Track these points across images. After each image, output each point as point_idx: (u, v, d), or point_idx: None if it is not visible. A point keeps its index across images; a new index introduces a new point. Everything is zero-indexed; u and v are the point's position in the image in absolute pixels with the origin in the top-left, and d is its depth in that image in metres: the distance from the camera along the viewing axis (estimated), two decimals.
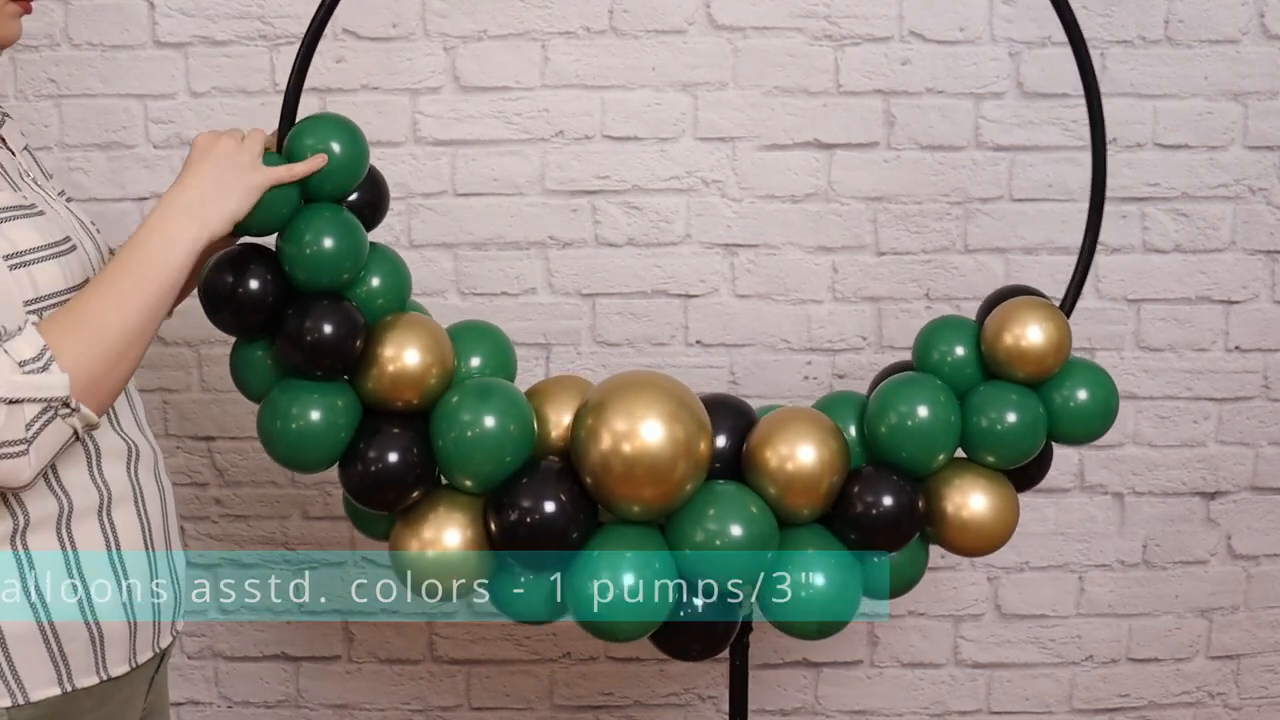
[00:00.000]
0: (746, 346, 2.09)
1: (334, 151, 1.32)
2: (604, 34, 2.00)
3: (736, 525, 1.35)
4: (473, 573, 1.39)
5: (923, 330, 1.51)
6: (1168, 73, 2.00)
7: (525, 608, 1.43)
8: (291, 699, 2.23)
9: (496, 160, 2.03)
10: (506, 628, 2.18)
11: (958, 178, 2.03)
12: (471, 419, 1.34)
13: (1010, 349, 1.41)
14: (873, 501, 1.40)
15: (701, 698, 2.21)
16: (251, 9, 2.00)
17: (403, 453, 1.34)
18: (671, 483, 1.34)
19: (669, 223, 2.05)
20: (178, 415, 2.13)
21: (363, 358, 1.34)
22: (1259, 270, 2.06)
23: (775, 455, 1.39)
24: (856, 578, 1.42)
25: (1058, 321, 1.41)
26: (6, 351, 1.11)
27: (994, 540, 1.45)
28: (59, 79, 2.02)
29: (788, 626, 1.42)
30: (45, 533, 1.20)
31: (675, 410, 1.35)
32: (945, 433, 1.42)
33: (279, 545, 2.17)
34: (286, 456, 1.36)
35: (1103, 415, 1.45)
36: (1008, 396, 1.42)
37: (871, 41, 2.00)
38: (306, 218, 1.31)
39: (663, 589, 1.35)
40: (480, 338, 1.46)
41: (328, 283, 1.32)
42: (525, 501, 1.34)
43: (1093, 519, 2.15)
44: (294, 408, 1.32)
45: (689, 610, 1.40)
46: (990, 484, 1.44)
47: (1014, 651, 2.19)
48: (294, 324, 1.30)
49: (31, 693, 1.20)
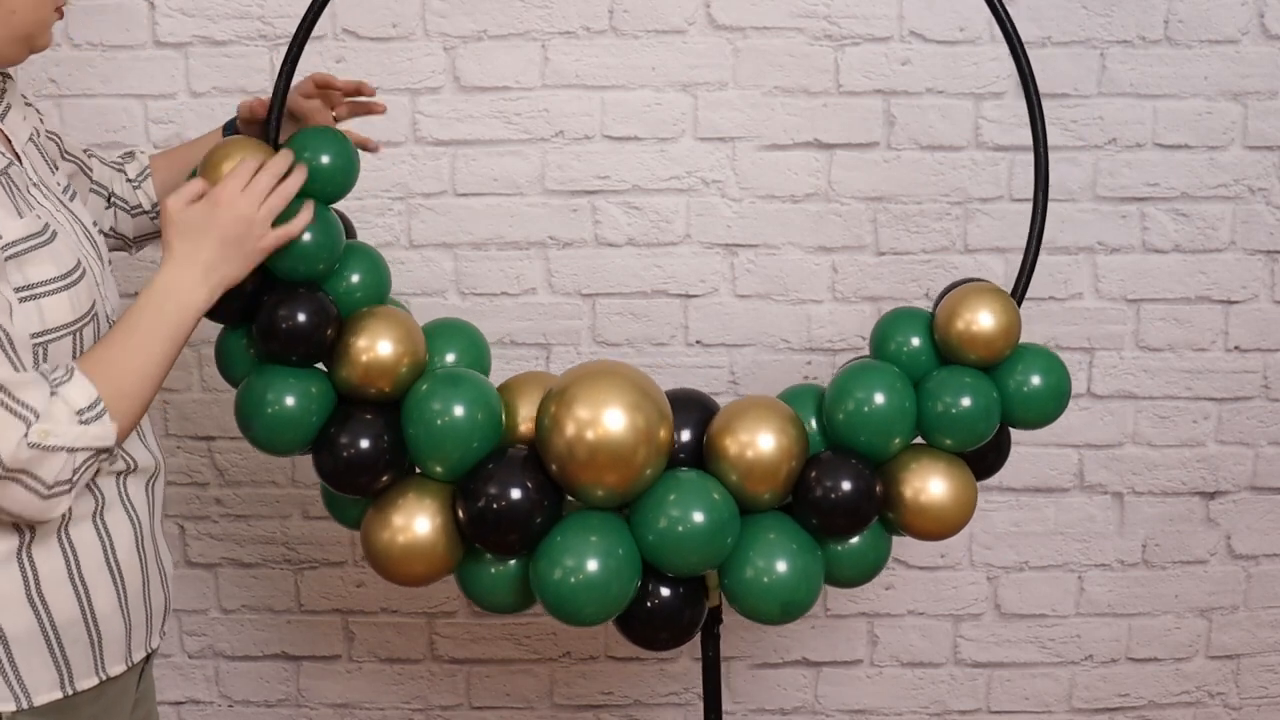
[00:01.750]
0: (746, 346, 2.09)
1: (323, 163, 1.39)
2: (604, 34, 2.00)
3: (698, 511, 1.39)
4: (442, 559, 1.42)
5: (879, 322, 1.54)
6: (1168, 73, 2.00)
7: (495, 596, 1.46)
8: (291, 698, 2.23)
9: (496, 160, 2.03)
10: (507, 627, 2.19)
11: (958, 178, 2.03)
12: (441, 407, 1.38)
13: (962, 333, 1.44)
14: (831, 486, 1.43)
15: (700, 696, 2.21)
16: (251, 9, 2.00)
17: (374, 439, 1.39)
18: (633, 468, 1.38)
19: (669, 223, 2.05)
20: (178, 415, 2.13)
21: (337, 347, 1.40)
22: (1259, 270, 2.06)
23: (735, 442, 1.43)
24: (818, 562, 1.45)
25: (1006, 305, 1.45)
26: (64, 399, 1.16)
27: (952, 524, 1.48)
28: (59, 79, 2.02)
29: (751, 612, 1.45)
30: (48, 540, 1.23)
31: (637, 399, 1.38)
32: (901, 418, 1.45)
33: (279, 545, 2.18)
34: (262, 439, 1.41)
35: (1055, 399, 1.49)
36: (962, 380, 1.45)
37: (871, 41, 2.00)
38: (285, 213, 1.36)
39: (626, 574, 1.39)
40: (455, 334, 1.51)
41: (304, 273, 1.38)
42: (492, 488, 1.37)
43: (1092, 519, 2.15)
44: (269, 393, 1.38)
45: (654, 599, 1.43)
46: (948, 468, 1.47)
47: (1014, 651, 2.19)
48: (270, 312, 1.36)
49: (35, 696, 1.22)
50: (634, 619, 1.44)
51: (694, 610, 1.46)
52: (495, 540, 1.39)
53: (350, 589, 2.19)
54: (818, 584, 1.45)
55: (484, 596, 1.47)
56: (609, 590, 1.37)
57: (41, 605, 1.21)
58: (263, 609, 2.20)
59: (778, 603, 1.43)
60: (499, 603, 1.47)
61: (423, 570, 1.42)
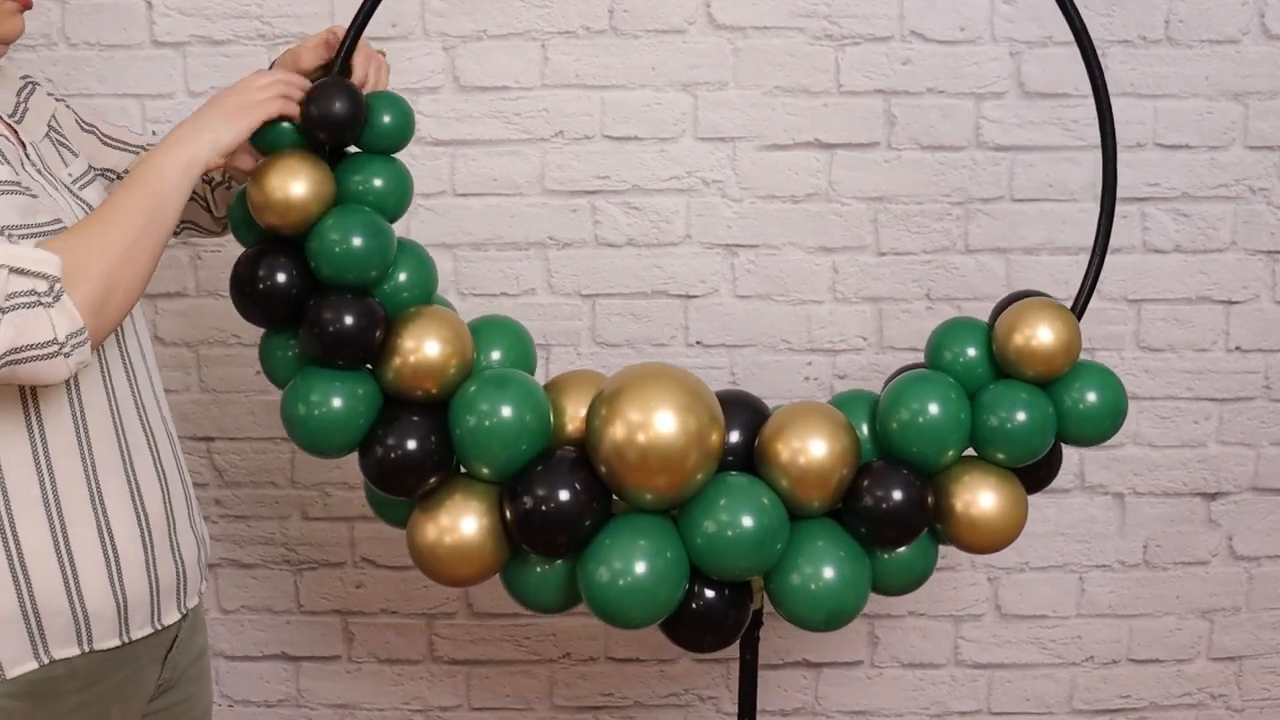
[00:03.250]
0: (746, 347, 2.08)
1: (384, 121, 1.43)
2: (604, 34, 1.99)
3: (748, 516, 1.38)
4: (489, 560, 1.42)
5: (935, 331, 1.53)
6: (1168, 73, 1.99)
7: (540, 596, 1.45)
8: (291, 699, 2.23)
9: (496, 160, 2.03)
10: (507, 628, 2.18)
11: (958, 178, 2.03)
12: (489, 408, 1.37)
13: (1021, 348, 1.43)
14: (882, 496, 1.42)
15: (701, 698, 2.20)
16: (250, 8, 1.99)
17: (421, 440, 1.38)
18: (684, 472, 1.37)
19: (669, 223, 2.05)
20: (178, 415, 2.12)
21: (384, 348, 1.39)
22: (1259, 270, 2.06)
23: (787, 448, 1.42)
24: (865, 571, 1.45)
25: (1068, 322, 1.44)
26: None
27: (1002, 538, 1.47)
28: (57, 78, 2.02)
29: (797, 618, 1.44)
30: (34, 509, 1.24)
31: (689, 402, 1.38)
32: (955, 429, 1.44)
33: (278, 546, 2.17)
34: (308, 442, 1.40)
35: (1111, 417, 1.48)
36: (1018, 395, 1.44)
37: (872, 41, 1.99)
38: (337, 218, 1.35)
39: (674, 578, 1.38)
40: (501, 332, 1.51)
41: (355, 280, 1.37)
42: (540, 490, 1.37)
43: (1093, 519, 2.14)
44: (314, 395, 1.37)
45: (699, 601, 1.42)
46: (1000, 482, 1.46)
47: (1014, 652, 2.19)
48: (316, 315, 1.35)
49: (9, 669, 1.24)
50: (679, 621, 1.43)
51: (739, 613, 1.45)
52: (543, 542, 1.38)
53: (350, 589, 2.18)
54: (864, 592, 1.45)
55: (530, 597, 1.46)
56: (657, 594, 1.37)
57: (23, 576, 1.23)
58: (262, 609, 2.20)
59: (824, 610, 1.42)
60: (545, 603, 1.46)
61: (470, 571, 1.42)
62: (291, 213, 1.34)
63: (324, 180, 1.37)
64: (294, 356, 1.41)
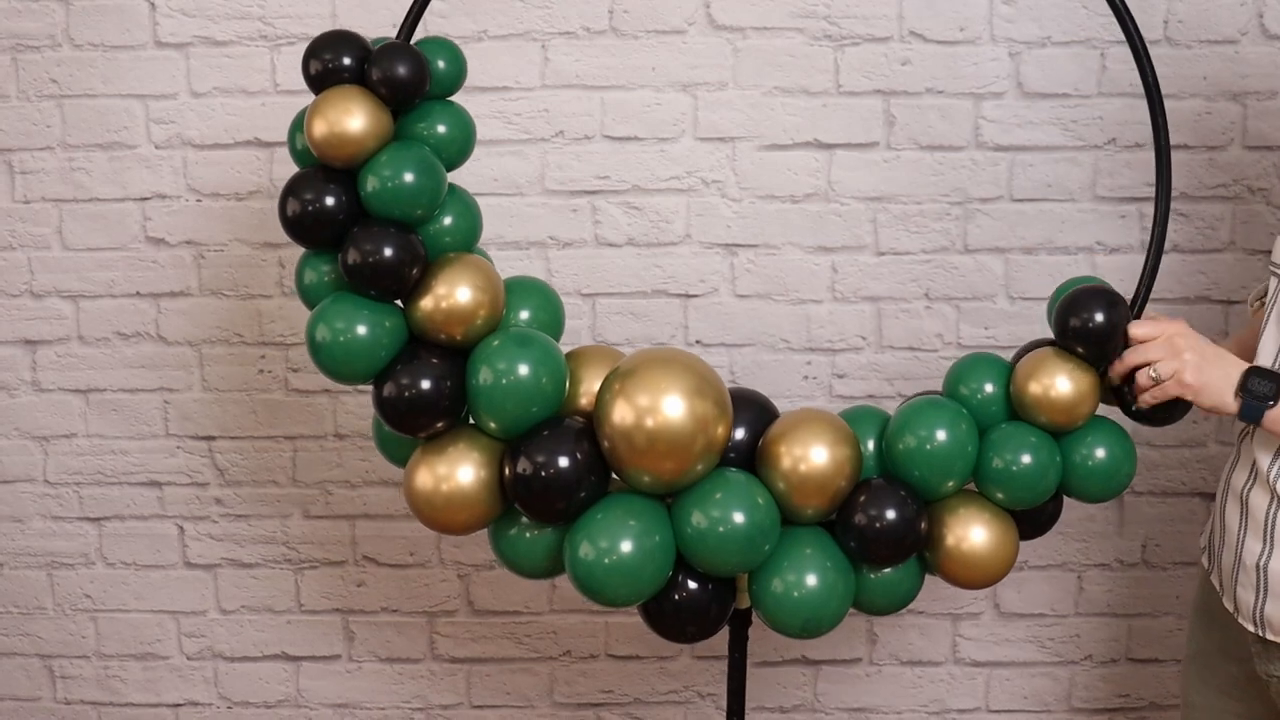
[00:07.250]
0: (746, 346, 2.09)
1: (439, 67, 1.48)
2: (604, 34, 2.00)
3: (740, 513, 1.39)
4: (482, 511, 1.43)
5: (956, 363, 1.54)
6: (1167, 73, 2.00)
7: (527, 561, 1.47)
8: (291, 699, 2.24)
9: (497, 160, 2.03)
10: (507, 626, 2.19)
11: (958, 178, 2.03)
12: (507, 366, 1.39)
13: (1038, 396, 1.44)
14: (877, 514, 1.43)
15: (701, 695, 2.21)
16: (252, 9, 2.00)
17: (436, 383, 1.40)
18: (689, 458, 1.39)
19: (669, 223, 2.05)
20: (178, 415, 2.13)
21: (418, 287, 1.41)
22: (1259, 270, 2.06)
23: (789, 454, 1.43)
24: (848, 584, 1.45)
25: (1088, 377, 1.44)
26: None
27: (985, 576, 1.48)
28: (60, 79, 2.02)
29: (774, 622, 1.45)
30: None
31: (700, 387, 1.39)
32: (960, 459, 1.45)
33: (279, 545, 2.18)
34: (329, 365, 1.42)
35: (1115, 478, 1.48)
36: (1026, 439, 1.45)
37: (871, 41, 2.00)
38: (391, 153, 1.38)
39: (659, 562, 1.39)
40: (533, 293, 1.53)
41: (400, 215, 1.39)
42: (542, 455, 1.38)
43: (1092, 518, 2.15)
44: (341, 320, 1.39)
45: (683, 592, 1.43)
46: (994, 520, 1.47)
47: (1013, 650, 2.19)
48: (357, 244, 1.37)
49: None
50: (662, 610, 1.45)
51: (721, 606, 1.46)
52: (537, 506, 1.40)
53: (350, 589, 2.19)
54: (844, 606, 1.45)
55: (517, 561, 1.48)
56: (640, 575, 1.38)
57: None
58: (262, 609, 2.20)
59: (801, 617, 1.43)
60: (530, 568, 1.47)
61: (462, 519, 1.44)
62: (348, 146, 1.37)
63: (381, 117, 1.40)
64: (329, 281, 1.44)
